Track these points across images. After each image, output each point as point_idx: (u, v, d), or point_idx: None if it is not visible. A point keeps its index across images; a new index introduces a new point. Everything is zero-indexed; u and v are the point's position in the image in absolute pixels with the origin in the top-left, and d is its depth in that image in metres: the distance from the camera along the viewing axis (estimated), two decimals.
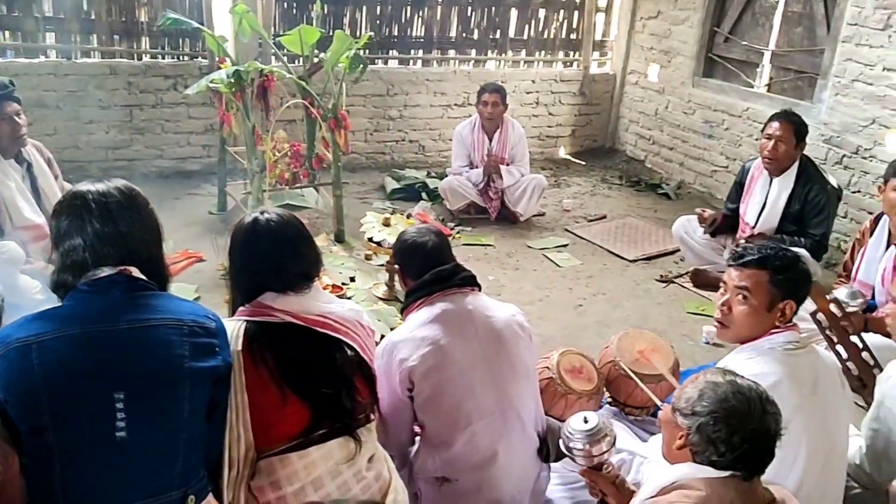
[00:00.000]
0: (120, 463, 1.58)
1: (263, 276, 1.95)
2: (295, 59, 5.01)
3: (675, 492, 1.62)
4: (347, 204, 4.98)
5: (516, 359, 2.35)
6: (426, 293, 2.31)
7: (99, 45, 5.51)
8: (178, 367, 1.66)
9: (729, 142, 6.07)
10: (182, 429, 1.65)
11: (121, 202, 1.74)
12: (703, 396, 1.64)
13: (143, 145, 5.69)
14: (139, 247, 1.75)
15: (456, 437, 2.25)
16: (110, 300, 1.66)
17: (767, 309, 2.19)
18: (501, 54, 6.81)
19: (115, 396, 1.58)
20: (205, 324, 1.74)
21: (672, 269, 4.77)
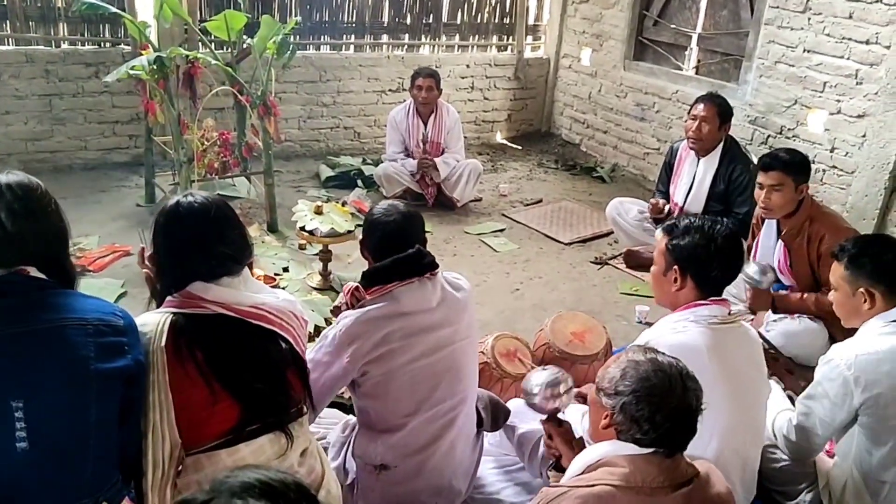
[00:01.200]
0: (23, 474, 1.50)
1: (189, 260, 1.84)
2: (222, 45, 4.87)
3: (600, 469, 1.64)
4: (281, 193, 4.89)
5: (473, 339, 2.34)
6: (383, 281, 2.22)
7: (13, 32, 5.25)
8: (82, 369, 1.57)
9: (660, 124, 6.17)
10: (90, 434, 1.58)
11: (11, 203, 1.61)
12: (626, 376, 1.66)
13: (65, 136, 5.47)
14: (35, 249, 1.63)
15: (401, 424, 2.24)
16: (7, 302, 1.57)
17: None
18: (435, 39, 6.76)
19: (13, 405, 1.50)
20: (111, 321, 1.65)
21: (606, 251, 4.83)
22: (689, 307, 2.29)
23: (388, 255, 2.25)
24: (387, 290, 2.22)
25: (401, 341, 2.18)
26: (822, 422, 2.39)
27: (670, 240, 2.32)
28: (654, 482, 1.59)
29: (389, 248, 2.26)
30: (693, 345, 2.16)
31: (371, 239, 2.32)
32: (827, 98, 4.75)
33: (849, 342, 2.42)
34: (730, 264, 2.30)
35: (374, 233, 2.30)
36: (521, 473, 2.66)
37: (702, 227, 2.27)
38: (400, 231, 2.29)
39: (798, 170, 3.40)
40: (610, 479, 1.59)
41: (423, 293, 2.24)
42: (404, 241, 2.27)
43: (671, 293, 2.34)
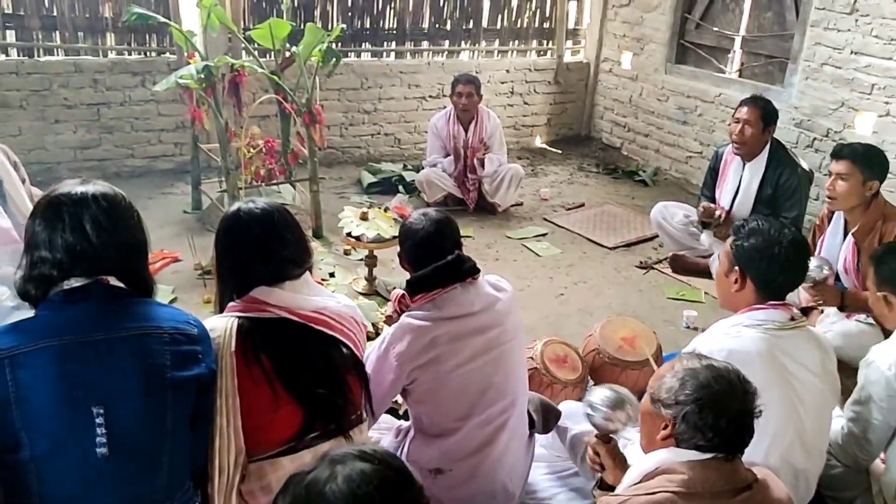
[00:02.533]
0: (101, 479, 1.52)
1: (252, 265, 1.87)
2: (266, 53, 4.93)
3: (659, 477, 1.62)
4: (324, 199, 4.93)
5: (518, 343, 2.34)
6: (426, 289, 2.24)
7: (62, 42, 5.37)
8: (160, 377, 1.59)
9: (702, 128, 6.09)
10: (166, 441, 1.60)
11: (97, 215, 1.61)
12: (685, 385, 1.63)
13: (112, 144, 5.57)
14: (114, 262, 1.64)
15: (454, 428, 2.24)
16: (86, 310, 1.59)
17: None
18: (475, 45, 6.77)
19: (95, 411, 1.52)
20: (186, 330, 1.67)
21: (651, 256, 4.78)
22: (747, 311, 2.26)
23: (426, 263, 2.26)
24: (430, 298, 2.24)
25: (447, 346, 2.19)
26: (872, 426, 2.34)
27: (735, 240, 2.30)
28: (715, 487, 1.57)
29: (425, 256, 2.28)
30: (744, 350, 2.12)
31: (407, 248, 2.35)
32: (875, 100, 4.66)
33: (888, 342, 2.37)
34: (793, 270, 2.26)
35: (409, 242, 2.34)
36: (574, 479, 2.64)
37: (768, 230, 2.24)
38: (433, 239, 2.30)
39: (866, 163, 3.34)
40: (670, 486, 1.57)
41: (466, 297, 2.25)
42: (438, 248, 2.29)
43: (732, 294, 2.32)
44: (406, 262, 2.38)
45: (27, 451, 1.49)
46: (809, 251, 2.35)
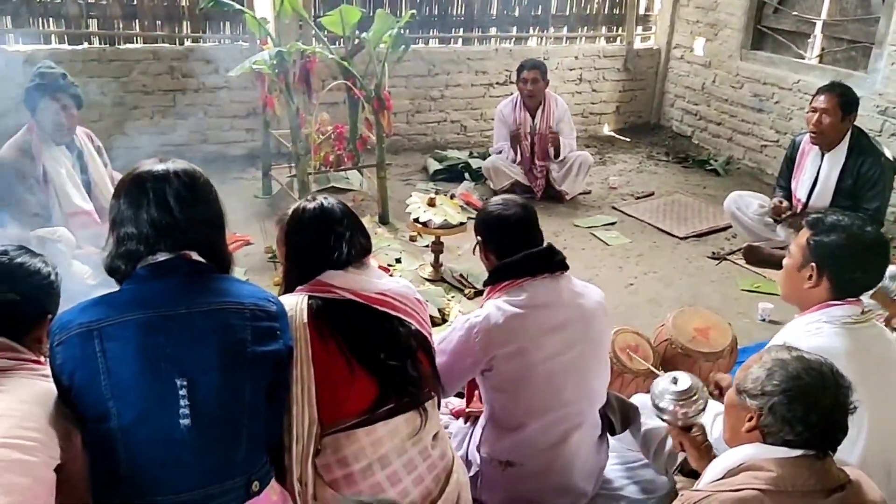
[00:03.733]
0: (185, 450, 1.56)
1: (317, 257, 1.94)
2: (336, 39, 4.98)
3: (744, 473, 1.55)
4: (390, 186, 4.95)
5: (601, 346, 2.29)
6: (514, 276, 2.20)
7: (141, 31, 5.54)
8: (240, 352, 1.62)
9: (779, 115, 5.89)
10: (245, 414, 1.63)
11: (179, 190, 1.66)
12: (773, 375, 1.57)
13: (187, 130, 5.70)
14: (197, 236, 1.69)
15: (529, 422, 2.21)
16: (170, 285, 1.63)
17: None
18: (543, 31, 6.69)
19: (179, 383, 1.56)
20: (266, 307, 1.69)
21: (724, 246, 4.66)
22: (822, 307, 2.17)
23: (515, 250, 2.21)
24: (517, 285, 2.19)
25: (534, 337, 2.15)
26: None
27: (813, 234, 2.19)
28: (805, 486, 1.50)
29: (515, 243, 2.23)
30: (830, 348, 2.03)
31: (499, 234, 2.27)
32: None
33: None
34: (873, 270, 2.16)
35: (499, 228, 2.26)
36: (645, 471, 2.60)
37: (850, 226, 2.13)
38: (525, 222, 2.26)
39: None
40: (756, 483, 1.51)
41: (555, 289, 2.20)
42: (530, 233, 2.26)
43: (802, 290, 2.22)
44: (490, 250, 2.29)
45: (115, 420, 1.53)
46: (890, 252, 2.24)
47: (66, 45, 5.36)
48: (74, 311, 1.60)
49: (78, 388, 1.55)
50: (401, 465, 1.85)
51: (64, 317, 1.60)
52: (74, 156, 3.88)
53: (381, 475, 1.82)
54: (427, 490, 1.88)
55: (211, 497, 1.58)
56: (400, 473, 1.84)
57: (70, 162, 3.85)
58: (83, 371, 1.54)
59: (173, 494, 1.55)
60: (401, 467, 1.85)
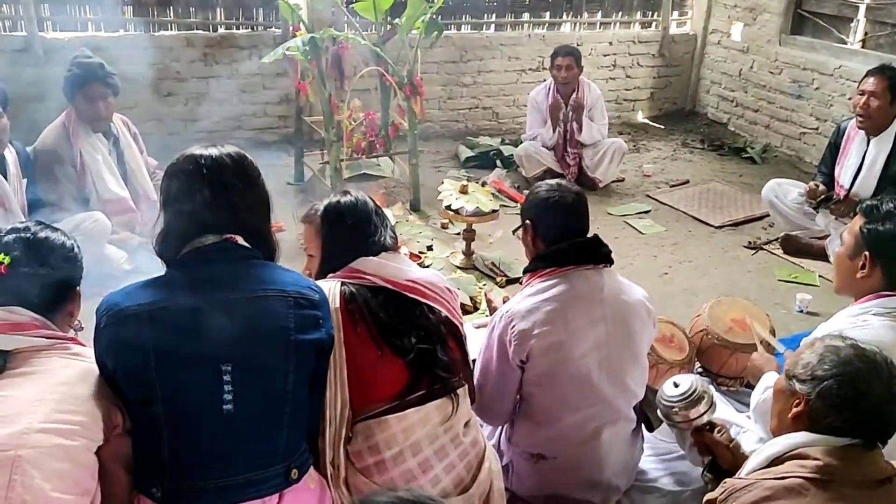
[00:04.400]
0: (226, 436, 1.56)
1: (349, 249, 1.96)
2: (369, 25, 4.96)
3: (789, 462, 1.52)
4: (422, 173, 4.93)
5: (638, 348, 2.24)
6: (558, 264, 2.15)
7: (175, 18, 5.57)
8: (284, 339, 1.62)
9: (819, 102, 5.76)
10: (287, 402, 1.63)
11: (233, 171, 1.67)
12: (824, 360, 1.54)
13: (221, 116, 5.73)
14: (247, 218, 1.70)
15: (563, 416, 2.18)
16: (218, 270, 1.63)
17: None
18: (577, 16, 6.61)
19: (223, 368, 1.56)
20: (309, 295, 1.69)
21: (761, 236, 4.57)
22: (873, 298, 2.11)
23: (565, 238, 2.17)
24: (560, 273, 2.15)
25: (569, 332, 2.11)
26: None
27: (867, 222, 2.13)
28: (852, 476, 1.46)
29: (570, 229, 2.18)
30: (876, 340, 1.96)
31: (552, 219, 2.19)
32: None
33: None
34: None
35: (557, 213, 2.18)
36: (679, 463, 2.56)
37: None
38: (579, 210, 2.22)
39: None
40: (801, 472, 1.47)
41: (597, 282, 2.16)
42: (583, 223, 2.22)
43: (854, 280, 2.17)
44: (539, 235, 2.23)
45: (159, 404, 1.54)
46: None
47: (103, 32, 5.41)
48: (122, 293, 1.61)
49: (123, 370, 1.56)
50: (432, 453, 1.84)
51: (111, 299, 1.60)
52: (111, 143, 3.93)
53: (413, 462, 1.81)
54: (459, 477, 1.87)
55: (251, 483, 1.58)
56: (431, 461, 1.83)
57: (106, 149, 3.90)
58: (129, 354, 1.55)
59: (214, 480, 1.56)
60: (432, 454, 1.84)
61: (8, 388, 1.51)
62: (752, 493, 1.46)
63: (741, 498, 1.46)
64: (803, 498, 1.42)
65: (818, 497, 1.43)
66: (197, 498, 1.56)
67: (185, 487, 1.56)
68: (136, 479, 1.62)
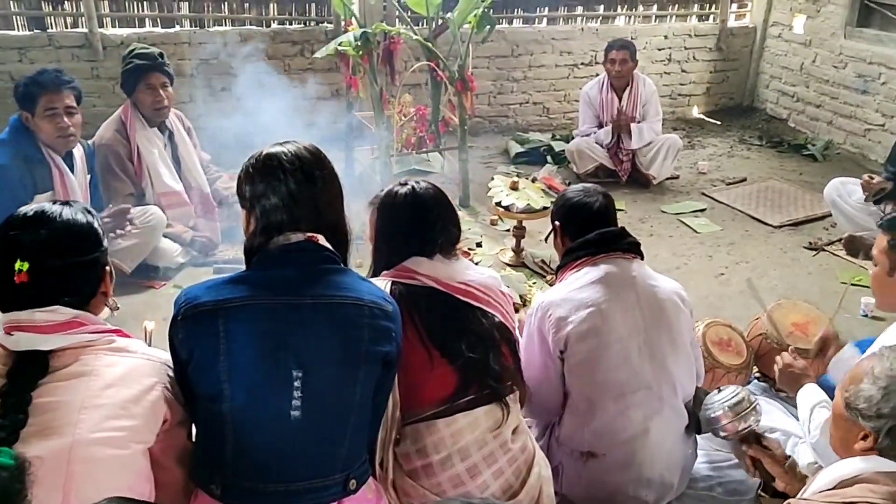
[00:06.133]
0: (291, 441, 1.55)
1: (404, 245, 1.94)
2: (420, 20, 4.93)
3: (859, 486, 1.45)
4: (471, 168, 4.89)
5: (676, 332, 2.21)
6: (590, 253, 2.20)
7: (230, 14, 5.63)
8: (357, 349, 1.60)
9: (886, 97, 5.53)
10: (352, 412, 1.61)
11: (313, 163, 1.67)
12: (889, 396, 1.45)
13: (273, 111, 5.75)
14: (329, 210, 1.69)
15: (606, 406, 2.14)
16: (297, 270, 1.61)
17: None
18: (632, 9, 6.48)
19: (294, 374, 1.54)
20: (384, 306, 1.66)
21: (822, 236, 4.41)
22: None
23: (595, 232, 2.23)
24: (591, 262, 2.19)
25: (604, 317, 2.12)
26: None
27: (892, 237, 2.06)
28: None
29: (594, 229, 2.24)
30: None
31: (578, 221, 2.28)
32: None
33: None
34: None
35: (582, 214, 2.27)
36: (735, 471, 2.48)
37: None
38: (605, 210, 2.28)
39: None
40: (872, 498, 1.40)
41: (628, 269, 2.20)
42: (610, 223, 2.28)
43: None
44: (567, 236, 2.31)
45: (227, 402, 1.53)
46: None
47: (159, 28, 5.50)
48: (202, 288, 1.60)
49: (196, 364, 1.56)
50: (480, 458, 1.81)
51: (191, 292, 1.59)
52: (166, 136, 3.99)
53: (461, 467, 1.79)
54: (507, 483, 1.84)
55: (311, 490, 1.56)
56: (479, 466, 1.81)
57: (162, 143, 3.96)
58: (203, 349, 1.54)
59: (275, 483, 1.55)
60: (480, 460, 1.81)
61: (54, 394, 1.45)
62: None
63: None
64: None
65: None
66: (256, 499, 1.55)
67: (245, 487, 1.55)
68: (197, 473, 1.61)
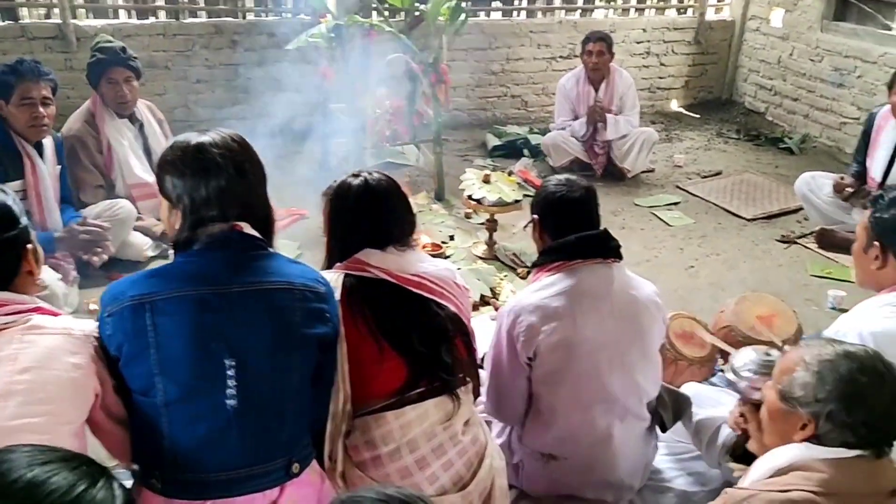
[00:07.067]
0: (228, 430, 1.54)
1: (356, 235, 1.92)
2: (395, 13, 4.91)
3: (793, 473, 1.45)
4: (448, 161, 4.88)
5: (648, 342, 2.18)
6: (566, 257, 2.12)
7: (205, 5, 5.59)
8: (290, 334, 1.60)
9: (861, 91, 5.56)
10: (290, 397, 1.61)
11: (243, 155, 1.65)
12: (825, 380, 1.45)
13: (248, 104, 5.75)
14: (257, 200, 1.67)
15: (572, 415, 2.13)
16: (223, 260, 1.60)
17: None
18: (610, 2, 6.49)
19: (227, 363, 1.53)
20: (316, 288, 1.66)
21: (794, 229, 4.44)
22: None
23: (572, 231, 2.14)
24: (568, 267, 2.11)
25: (577, 328, 2.06)
26: None
27: (874, 212, 2.09)
28: (860, 488, 1.40)
29: (577, 224, 2.15)
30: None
31: (559, 215, 2.19)
32: None
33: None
34: None
35: (560, 209, 2.18)
36: (695, 463, 2.49)
37: None
38: (587, 205, 2.19)
39: None
40: (807, 485, 1.41)
41: (606, 276, 2.12)
42: (591, 217, 2.19)
43: (872, 272, 2.12)
44: (546, 230, 2.23)
45: (161, 395, 1.52)
46: None
47: (134, 20, 5.46)
48: (126, 282, 1.58)
49: (126, 360, 1.54)
50: (429, 450, 1.81)
51: (116, 288, 1.58)
52: (136, 128, 3.95)
53: (409, 459, 1.79)
54: (458, 475, 1.84)
55: (252, 477, 1.56)
56: (428, 458, 1.80)
57: (132, 134, 3.93)
58: (132, 344, 1.52)
59: (215, 473, 1.54)
60: (429, 452, 1.81)
61: None
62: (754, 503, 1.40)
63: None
64: None
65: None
66: (197, 490, 1.54)
67: (185, 479, 1.54)
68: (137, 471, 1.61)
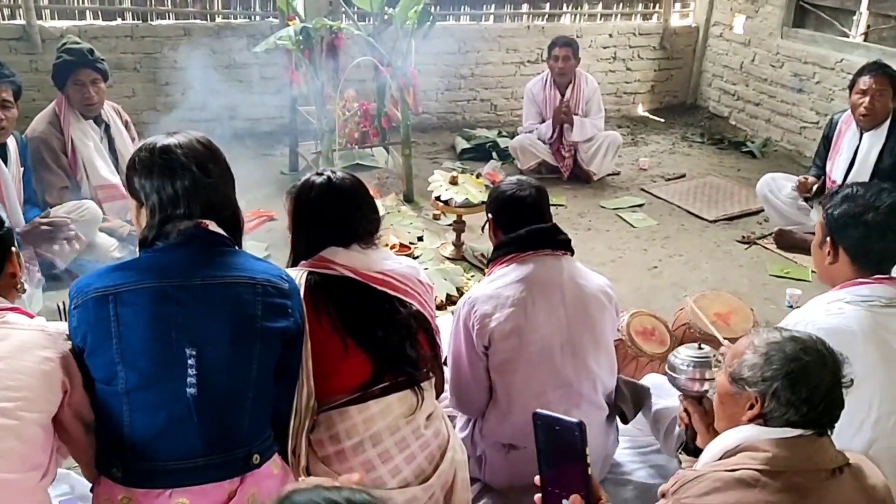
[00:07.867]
0: (188, 418, 1.58)
1: (320, 233, 1.95)
2: (365, 16, 4.95)
3: (741, 454, 1.52)
4: (417, 164, 4.92)
5: (599, 330, 2.26)
6: (518, 249, 2.21)
7: (173, 7, 5.58)
8: (250, 326, 1.64)
9: (820, 96, 5.70)
10: (250, 388, 1.64)
11: (208, 157, 1.69)
12: (771, 360, 1.51)
13: (217, 106, 5.72)
14: (223, 199, 1.72)
15: (527, 402, 2.17)
16: (186, 255, 1.64)
17: None
18: (577, 7, 6.57)
19: (188, 352, 1.58)
20: (278, 284, 1.70)
21: (755, 230, 4.54)
22: (847, 286, 2.10)
23: (523, 227, 2.23)
24: (520, 258, 2.20)
25: (528, 316, 2.14)
26: None
27: (827, 208, 2.14)
28: (802, 465, 1.46)
29: (528, 222, 2.24)
30: (845, 328, 1.97)
31: (510, 214, 2.28)
32: None
33: None
34: (892, 237, 2.06)
35: (514, 207, 2.27)
36: (656, 456, 2.56)
37: (862, 195, 2.06)
38: (537, 203, 2.28)
39: None
40: (753, 464, 1.47)
41: (556, 267, 2.21)
42: (542, 215, 2.28)
43: (827, 268, 2.17)
44: (498, 227, 2.33)
45: (122, 384, 1.57)
46: None
47: (100, 21, 5.43)
48: (93, 276, 1.63)
49: (90, 350, 1.60)
50: (392, 444, 1.85)
51: (82, 281, 1.63)
52: (102, 130, 3.93)
53: (373, 452, 1.82)
54: (420, 468, 1.88)
55: (211, 466, 1.60)
56: (391, 451, 1.84)
57: (98, 136, 3.91)
58: (96, 334, 1.58)
59: (174, 461, 1.58)
60: (392, 445, 1.85)
61: None
62: (702, 484, 1.46)
63: (691, 490, 1.46)
64: (753, 489, 1.42)
65: (768, 488, 1.42)
66: (156, 479, 1.58)
67: (145, 468, 1.58)
68: (98, 459, 1.64)
